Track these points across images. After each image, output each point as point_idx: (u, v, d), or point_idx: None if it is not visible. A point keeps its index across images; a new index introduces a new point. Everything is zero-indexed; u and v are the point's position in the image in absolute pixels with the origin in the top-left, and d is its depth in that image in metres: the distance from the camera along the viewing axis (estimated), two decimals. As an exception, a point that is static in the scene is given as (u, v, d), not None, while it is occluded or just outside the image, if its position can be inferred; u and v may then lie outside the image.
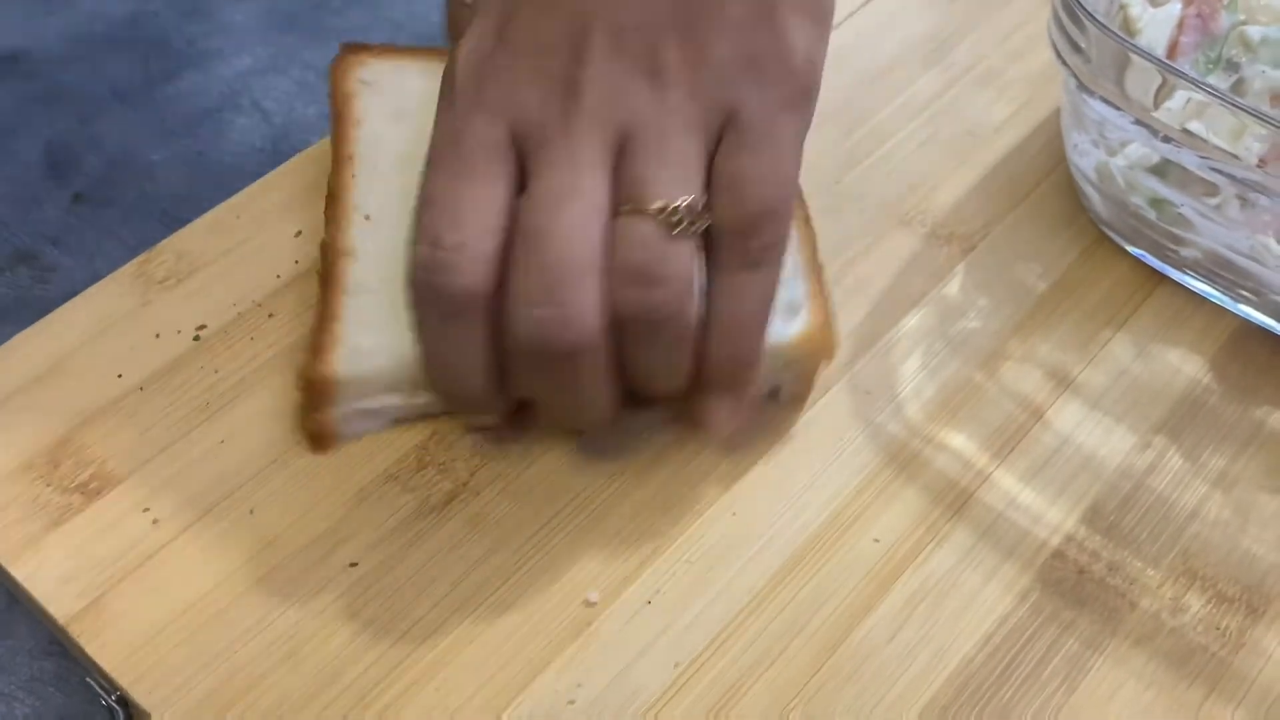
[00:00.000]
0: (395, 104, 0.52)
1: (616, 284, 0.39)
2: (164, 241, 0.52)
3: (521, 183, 0.41)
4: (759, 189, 0.40)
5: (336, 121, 0.52)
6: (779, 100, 0.41)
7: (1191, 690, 0.42)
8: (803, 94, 0.42)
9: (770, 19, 0.41)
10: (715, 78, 0.40)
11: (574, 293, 0.38)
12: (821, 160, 0.56)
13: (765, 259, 0.41)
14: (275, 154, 0.59)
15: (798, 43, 0.41)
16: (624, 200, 0.40)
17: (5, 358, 0.48)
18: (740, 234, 0.41)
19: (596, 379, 0.41)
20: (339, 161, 0.51)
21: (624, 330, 0.40)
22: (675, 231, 0.39)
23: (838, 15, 0.62)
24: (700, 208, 0.40)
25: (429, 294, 0.40)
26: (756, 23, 0.41)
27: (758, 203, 0.40)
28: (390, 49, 0.54)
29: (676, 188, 0.40)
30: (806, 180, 0.53)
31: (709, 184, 0.41)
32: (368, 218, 0.49)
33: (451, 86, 0.42)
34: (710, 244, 0.41)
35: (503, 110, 0.41)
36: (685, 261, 0.40)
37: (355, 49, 0.53)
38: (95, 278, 0.51)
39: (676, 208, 0.39)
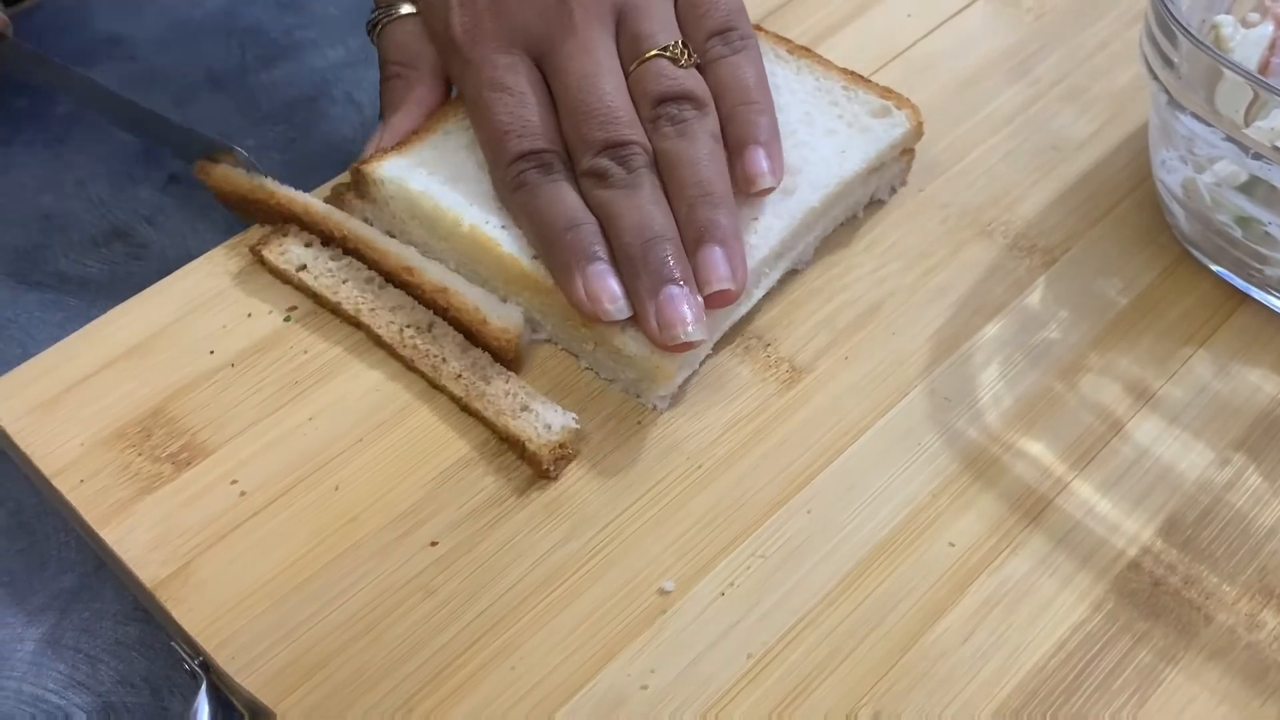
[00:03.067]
0: None
1: (658, 106, 0.50)
2: (256, 224, 0.53)
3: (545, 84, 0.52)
4: (717, 2, 0.53)
5: None
6: None
7: (1266, 706, 0.42)
8: None
9: None
10: None
11: (632, 131, 0.49)
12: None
13: (747, 46, 0.53)
14: (364, 144, 0.59)
15: None
16: (633, 57, 0.51)
17: (101, 330, 0.50)
18: (721, 34, 0.52)
19: (656, 191, 0.49)
20: None
21: (670, 134, 0.50)
22: (682, 64, 0.51)
23: (924, 27, 0.63)
24: (684, 44, 0.52)
25: (517, 169, 0.50)
26: None
27: (722, 10, 0.53)
28: None
29: (668, 35, 0.52)
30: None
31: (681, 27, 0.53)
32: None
33: (458, 50, 0.52)
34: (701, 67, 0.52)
35: (511, 40, 0.52)
36: (699, 77, 0.51)
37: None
38: (188, 256, 0.53)
39: (678, 44, 0.51)
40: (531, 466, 0.46)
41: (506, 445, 0.47)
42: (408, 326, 0.49)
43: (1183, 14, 0.48)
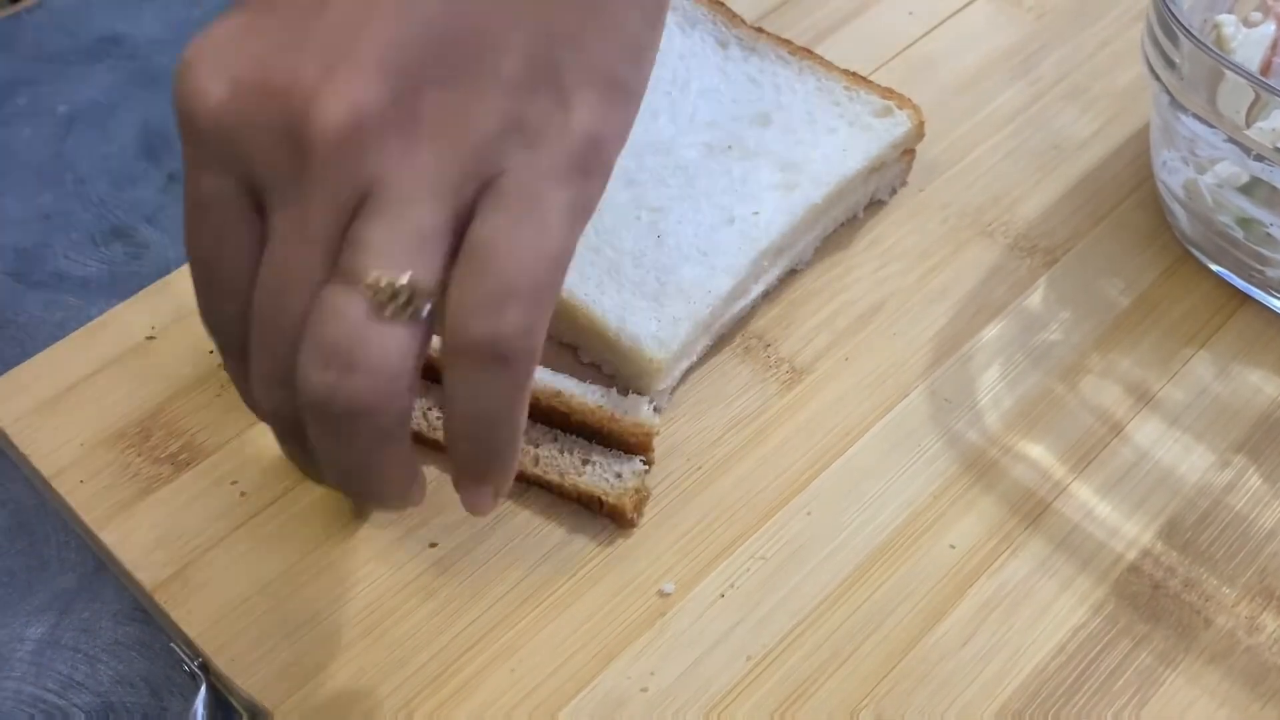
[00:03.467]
0: None
1: (305, 362, 0.33)
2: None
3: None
4: (508, 261, 0.33)
5: None
6: (550, 169, 0.35)
7: (1266, 710, 0.42)
8: (579, 168, 0.35)
9: (552, 85, 0.35)
10: (476, 138, 0.34)
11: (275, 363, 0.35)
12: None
13: (511, 352, 0.34)
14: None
15: (582, 117, 0.35)
16: (340, 266, 0.33)
17: (101, 331, 0.50)
18: (480, 315, 0.33)
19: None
20: None
21: (311, 424, 0.34)
22: (386, 312, 0.33)
23: (924, 25, 0.63)
24: (427, 287, 0.33)
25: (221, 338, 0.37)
26: (534, 85, 0.35)
27: (505, 276, 0.33)
28: None
29: (401, 260, 0.33)
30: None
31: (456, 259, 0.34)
32: None
33: (183, 133, 0.35)
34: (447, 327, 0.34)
35: (229, 163, 0.34)
36: (390, 348, 0.33)
37: None
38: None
39: (390, 283, 0.33)
40: (614, 519, 0.45)
41: (579, 504, 0.45)
42: (429, 410, 0.46)
43: (1184, 14, 0.48)
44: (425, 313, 0.33)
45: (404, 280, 0.33)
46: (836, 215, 0.54)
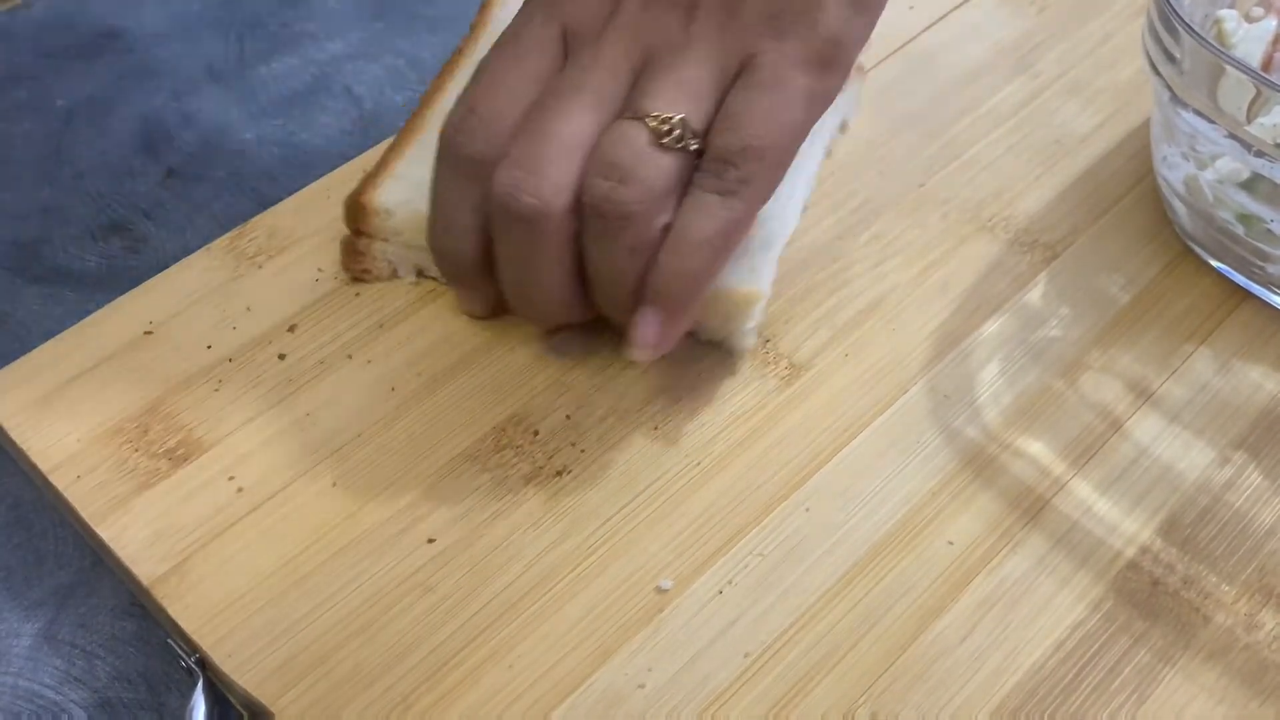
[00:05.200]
0: None
1: (591, 172, 0.43)
2: (256, 218, 0.53)
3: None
4: (752, 126, 0.43)
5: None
6: (795, 57, 0.44)
7: (1264, 708, 0.42)
8: (821, 61, 0.44)
9: None
10: (741, 24, 0.44)
11: (550, 165, 0.43)
12: (906, 163, 0.56)
13: (740, 191, 0.43)
14: (364, 138, 0.60)
15: (830, 17, 0.44)
16: (628, 108, 0.44)
17: (98, 325, 0.50)
18: (723, 161, 0.43)
19: (554, 259, 0.44)
20: (474, 28, 0.56)
21: (587, 225, 0.43)
22: (663, 141, 0.43)
23: (925, 20, 0.63)
24: (696, 129, 0.43)
25: (449, 150, 0.45)
26: None
27: (747, 137, 0.43)
28: None
29: (678, 105, 0.43)
30: (890, 180, 0.53)
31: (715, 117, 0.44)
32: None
33: None
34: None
35: (559, 13, 0.46)
36: (663, 170, 0.43)
37: None
38: (185, 251, 0.53)
39: (670, 119, 0.43)
40: None
41: None
42: None
43: (1185, 9, 0.48)
44: (692, 148, 0.43)
45: (681, 117, 0.43)
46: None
